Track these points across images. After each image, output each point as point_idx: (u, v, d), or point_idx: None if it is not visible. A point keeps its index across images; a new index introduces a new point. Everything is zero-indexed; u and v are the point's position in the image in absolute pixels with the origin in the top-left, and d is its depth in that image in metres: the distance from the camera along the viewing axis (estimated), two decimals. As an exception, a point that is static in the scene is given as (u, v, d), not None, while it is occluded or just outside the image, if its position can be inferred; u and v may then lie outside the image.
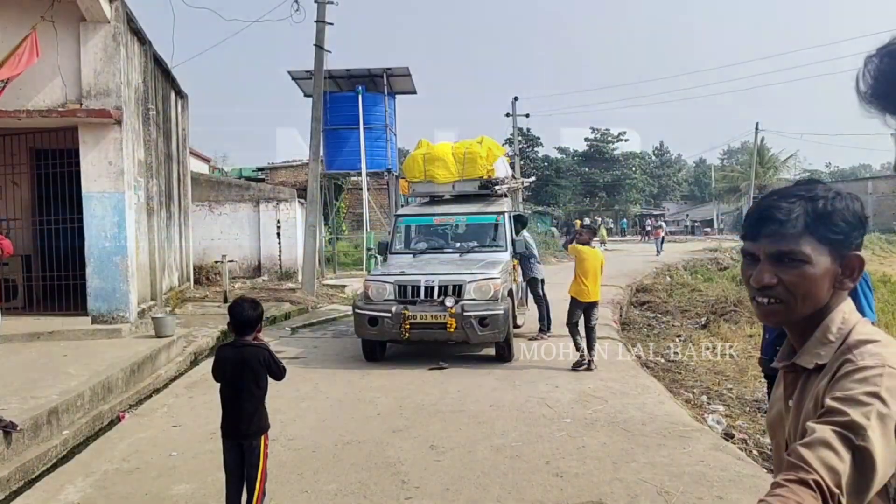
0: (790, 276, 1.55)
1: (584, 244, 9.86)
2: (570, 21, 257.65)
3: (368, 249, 22.17)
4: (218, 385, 4.63)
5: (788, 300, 1.56)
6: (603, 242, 40.91)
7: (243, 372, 4.48)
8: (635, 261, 29.80)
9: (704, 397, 9.12)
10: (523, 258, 11.92)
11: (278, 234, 20.36)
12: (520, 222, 12.38)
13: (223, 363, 4.51)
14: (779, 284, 1.56)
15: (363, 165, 22.61)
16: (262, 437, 4.56)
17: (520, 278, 12.38)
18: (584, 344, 9.51)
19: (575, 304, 9.63)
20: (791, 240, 1.54)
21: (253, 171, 36.28)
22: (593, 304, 9.62)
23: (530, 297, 12.50)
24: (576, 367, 9.43)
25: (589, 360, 9.40)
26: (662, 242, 34.36)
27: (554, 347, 10.92)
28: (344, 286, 19.81)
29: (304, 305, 15.77)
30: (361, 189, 24.35)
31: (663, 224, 39.01)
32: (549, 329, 11.85)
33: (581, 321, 9.61)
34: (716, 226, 65.47)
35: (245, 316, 4.46)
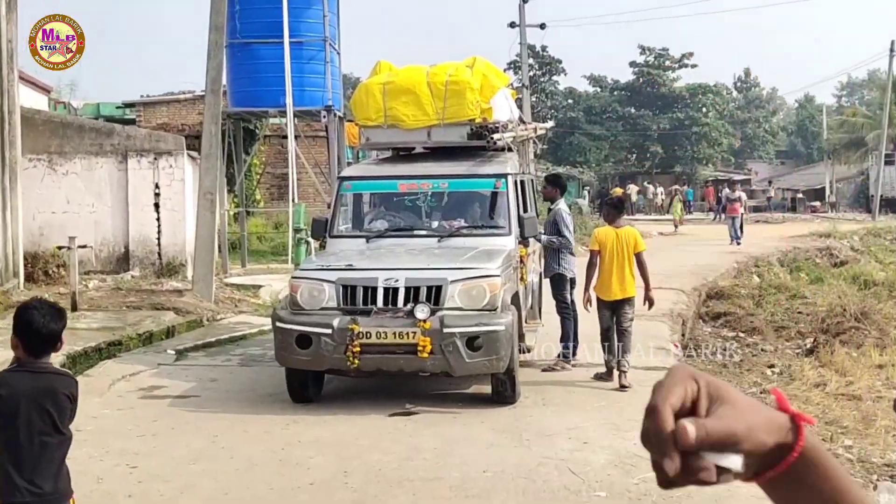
0: None
1: (608, 221, 11.45)
2: None
3: (297, 230, 22.02)
4: None
5: None
6: (676, 226, 40.77)
7: (42, 409, 4.49)
8: (706, 251, 29.86)
9: (809, 459, 9.17)
10: (549, 246, 11.98)
11: (157, 206, 20.20)
12: (556, 184, 12.57)
13: (11, 396, 4.47)
14: None
15: (289, 100, 22.45)
16: (71, 501, 4.66)
17: (531, 276, 12.37)
18: (616, 355, 10.90)
19: (600, 305, 11.05)
20: None
21: (118, 107, 35.95)
22: (623, 302, 11.00)
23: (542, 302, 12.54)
24: (598, 377, 10.90)
25: (621, 371, 10.71)
26: (741, 225, 34.30)
27: (581, 377, 10.95)
28: (258, 287, 19.70)
29: (196, 316, 15.69)
30: (285, 137, 24.16)
31: (742, 196, 38.72)
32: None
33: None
34: (828, 198, 65.97)
35: (47, 328, 4.50)
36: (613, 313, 10.97)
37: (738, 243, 32.40)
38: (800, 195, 67.13)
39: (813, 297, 19.82)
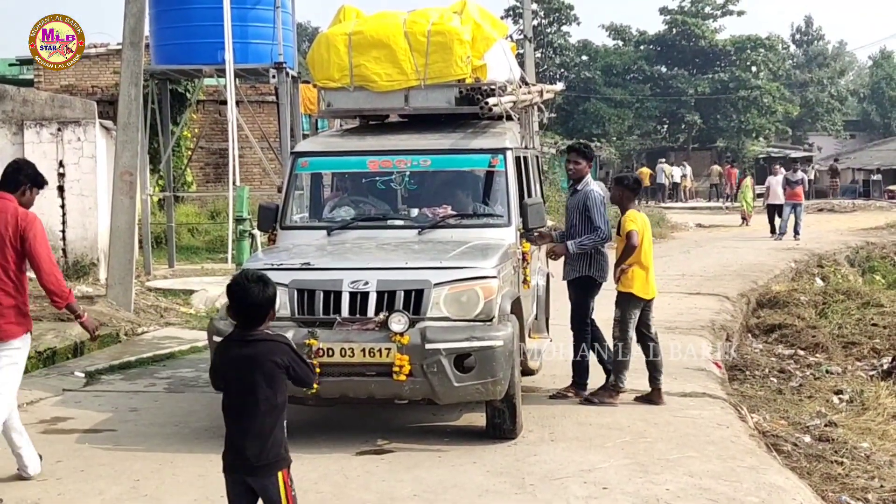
0: None
1: (622, 206, 11.68)
2: None
3: (239, 221, 22.04)
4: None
5: None
6: (744, 219, 39.63)
7: (254, 376, 5.95)
8: (756, 248, 29.94)
9: (888, 509, 9.24)
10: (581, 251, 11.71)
11: (61, 190, 20.15)
12: (587, 156, 12.22)
13: (225, 365, 6.14)
14: None
15: (228, 56, 22.43)
16: (281, 474, 5.98)
17: (536, 277, 12.36)
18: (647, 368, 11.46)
19: (630, 304, 11.38)
20: None
21: (11, 64, 35.89)
22: (652, 302, 11.68)
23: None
24: (597, 398, 11.38)
25: (657, 388, 11.44)
26: (799, 215, 34.18)
27: (597, 406, 11.03)
28: (189, 292, 19.66)
29: (111, 329, 15.68)
30: (224, 103, 24.11)
31: (804, 178, 38.62)
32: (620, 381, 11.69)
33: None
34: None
35: (252, 298, 6.06)
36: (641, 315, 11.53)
37: (797, 238, 32.48)
38: (874, 177, 67.17)
39: (891, 304, 19.91)
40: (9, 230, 8.52)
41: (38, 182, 8.98)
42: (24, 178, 8.85)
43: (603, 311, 12.05)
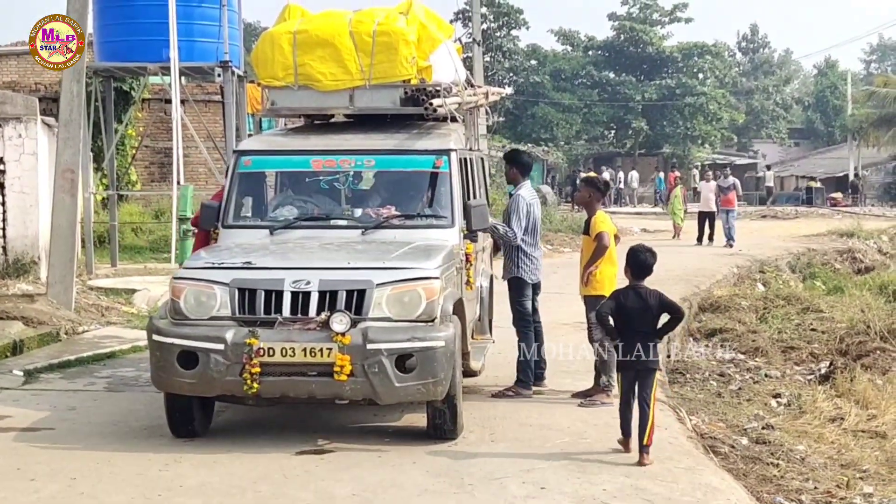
0: None
1: (589, 207, 11.99)
2: None
3: (183, 220, 21.95)
4: None
5: None
6: (676, 231, 38.08)
7: (642, 314, 9.38)
8: (698, 253, 30.10)
9: (822, 511, 9.32)
10: (503, 240, 12.08)
11: (1, 187, 19.99)
12: (516, 163, 12.51)
13: (624, 306, 9.48)
14: None
15: (173, 54, 22.33)
16: (657, 373, 9.57)
17: (479, 279, 12.39)
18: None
19: (596, 304, 11.34)
20: None
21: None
22: None
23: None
24: (588, 400, 11.62)
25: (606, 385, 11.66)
26: (731, 221, 33.88)
27: (538, 407, 11.06)
28: (132, 291, 19.56)
29: (51, 328, 15.58)
30: (169, 101, 24.00)
31: (736, 183, 37.55)
32: (543, 377, 11.97)
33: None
34: (853, 189, 66.73)
35: (646, 261, 9.57)
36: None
37: (731, 244, 32.40)
38: (817, 184, 67.76)
39: (830, 310, 20.05)
40: None
41: None
42: None
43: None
